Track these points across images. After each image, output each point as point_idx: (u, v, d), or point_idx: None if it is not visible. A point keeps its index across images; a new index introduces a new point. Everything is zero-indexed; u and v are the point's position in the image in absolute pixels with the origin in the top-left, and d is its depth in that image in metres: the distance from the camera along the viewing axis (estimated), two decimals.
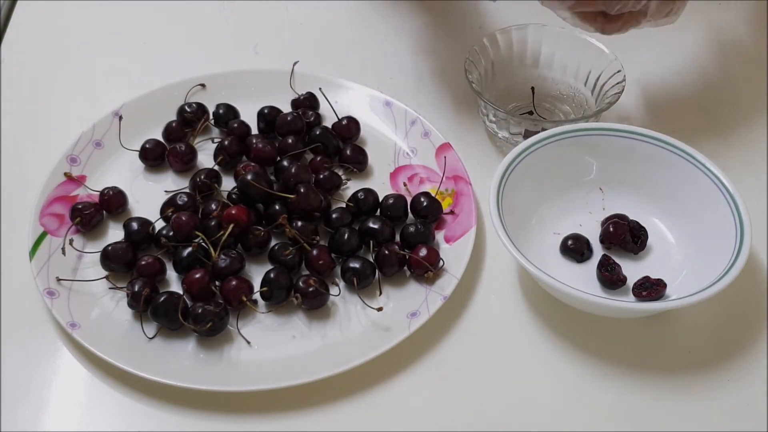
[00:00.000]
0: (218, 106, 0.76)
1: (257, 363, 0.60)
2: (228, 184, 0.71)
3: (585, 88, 0.75)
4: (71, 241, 0.66)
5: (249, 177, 0.66)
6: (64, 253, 0.65)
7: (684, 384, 0.60)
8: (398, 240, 0.67)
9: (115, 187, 0.70)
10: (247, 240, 0.66)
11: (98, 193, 0.69)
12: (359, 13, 0.88)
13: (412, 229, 0.66)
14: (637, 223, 0.66)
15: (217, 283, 0.63)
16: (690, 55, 0.83)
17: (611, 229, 0.65)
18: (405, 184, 0.72)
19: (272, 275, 0.63)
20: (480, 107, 0.74)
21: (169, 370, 0.59)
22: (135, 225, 0.66)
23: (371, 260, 0.65)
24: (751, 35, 0.86)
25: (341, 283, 0.65)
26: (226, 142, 0.72)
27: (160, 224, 0.67)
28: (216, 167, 0.72)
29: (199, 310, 0.60)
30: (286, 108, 0.76)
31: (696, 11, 0.83)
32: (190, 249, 0.64)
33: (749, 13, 0.88)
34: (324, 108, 0.77)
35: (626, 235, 0.65)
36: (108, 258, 0.65)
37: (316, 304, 0.63)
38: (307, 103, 0.76)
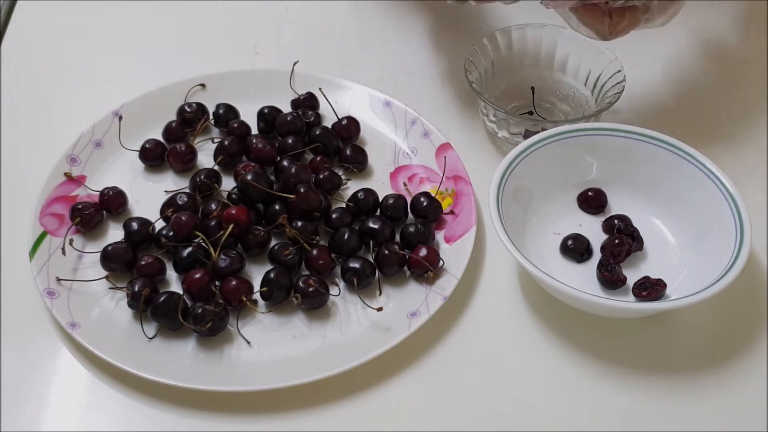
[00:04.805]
0: (218, 106, 0.76)
1: (257, 363, 0.60)
2: (228, 184, 0.71)
3: (585, 88, 0.75)
4: (71, 241, 0.66)
5: (249, 177, 0.66)
6: (64, 253, 0.65)
7: (684, 384, 0.60)
8: (398, 240, 0.67)
9: (115, 187, 0.70)
10: (247, 240, 0.66)
11: (98, 193, 0.69)
12: (359, 13, 0.88)
13: (412, 229, 0.66)
14: (636, 230, 0.66)
15: (217, 283, 0.63)
16: (689, 55, 0.83)
17: (616, 241, 0.65)
18: (405, 184, 0.72)
19: (272, 275, 0.63)
20: (480, 107, 0.74)
21: (169, 370, 0.59)
22: (135, 225, 0.66)
23: (371, 260, 0.65)
24: (750, 35, 0.86)
25: (341, 283, 0.65)
26: (226, 142, 0.72)
27: (160, 224, 0.67)
28: (216, 167, 0.72)
29: (199, 310, 0.60)
30: (286, 108, 0.76)
31: (695, 11, 0.83)
32: (190, 249, 0.64)
33: (749, 12, 0.88)
34: (324, 108, 0.77)
35: (626, 251, 0.65)
36: (108, 258, 0.65)
37: (316, 304, 0.63)
38: (307, 103, 0.76)
